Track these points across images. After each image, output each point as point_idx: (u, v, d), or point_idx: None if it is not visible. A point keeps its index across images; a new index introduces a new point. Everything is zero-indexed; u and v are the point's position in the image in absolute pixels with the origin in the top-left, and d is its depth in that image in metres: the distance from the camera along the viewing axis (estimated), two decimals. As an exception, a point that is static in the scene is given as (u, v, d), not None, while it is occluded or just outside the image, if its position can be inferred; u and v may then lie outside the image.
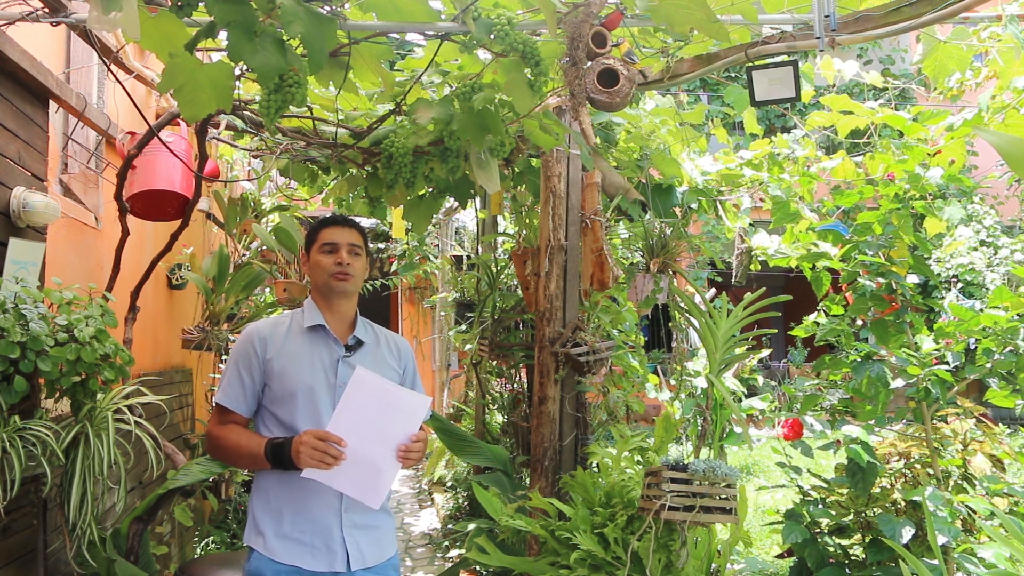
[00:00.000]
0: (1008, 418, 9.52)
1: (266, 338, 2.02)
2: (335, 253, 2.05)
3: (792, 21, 2.36)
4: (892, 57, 13.30)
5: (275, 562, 1.91)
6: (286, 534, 1.93)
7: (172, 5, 1.82)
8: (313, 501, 1.94)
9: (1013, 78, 3.00)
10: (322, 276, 2.05)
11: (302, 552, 1.92)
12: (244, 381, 2.01)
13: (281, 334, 2.03)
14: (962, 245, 10.07)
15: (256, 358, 2.00)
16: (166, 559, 3.78)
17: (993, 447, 3.14)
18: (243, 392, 2.01)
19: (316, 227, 2.12)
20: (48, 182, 2.86)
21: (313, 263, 2.08)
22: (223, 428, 1.99)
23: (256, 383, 2.01)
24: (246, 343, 2.02)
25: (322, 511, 1.94)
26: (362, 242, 2.12)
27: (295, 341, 2.02)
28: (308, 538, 1.93)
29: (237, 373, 2.01)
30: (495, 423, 5.61)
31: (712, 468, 2.45)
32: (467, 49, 2.24)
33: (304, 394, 1.96)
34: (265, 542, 1.93)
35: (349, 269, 2.04)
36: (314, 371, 1.99)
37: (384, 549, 2.03)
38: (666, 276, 3.43)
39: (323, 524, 1.93)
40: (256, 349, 2.01)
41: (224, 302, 3.91)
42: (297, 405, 1.96)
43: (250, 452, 1.93)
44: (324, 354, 2.02)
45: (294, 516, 1.93)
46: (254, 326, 2.07)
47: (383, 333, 2.18)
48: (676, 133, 3.77)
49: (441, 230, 8.05)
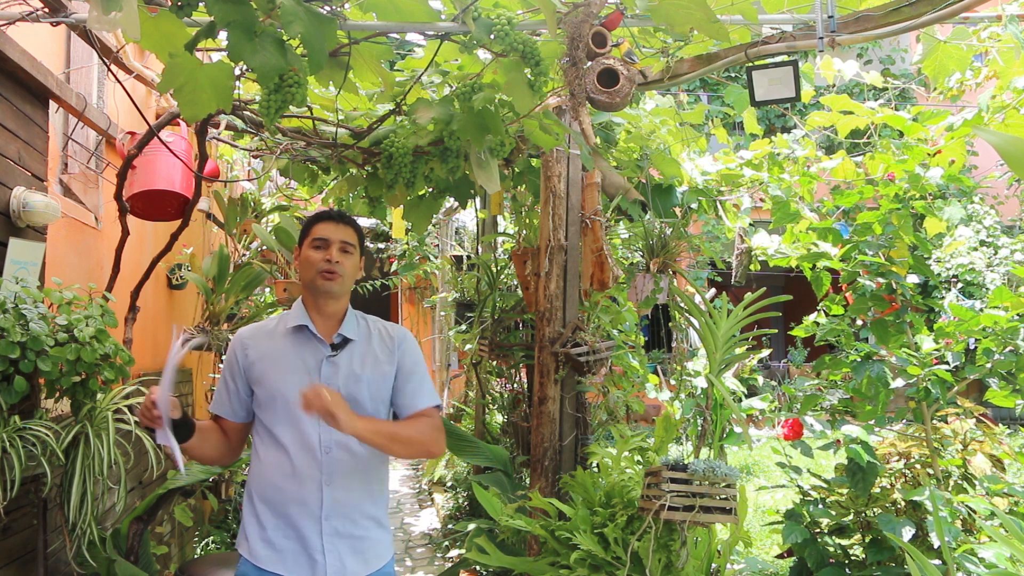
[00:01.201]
0: (1008, 418, 9.51)
1: (247, 343, 1.99)
2: (325, 250, 1.97)
3: (792, 21, 2.36)
4: (892, 57, 13.30)
5: (259, 568, 1.87)
6: (269, 540, 1.88)
7: (172, 5, 1.82)
8: (292, 507, 1.88)
9: (1013, 78, 3.00)
10: (309, 272, 1.97)
11: (284, 559, 1.87)
12: (229, 387, 2.00)
13: (265, 337, 2.00)
14: (962, 245, 10.07)
15: (237, 364, 1.98)
16: (166, 559, 3.78)
17: (993, 447, 3.15)
18: (228, 398, 2.00)
19: (310, 221, 2.04)
20: (48, 182, 2.86)
21: (303, 258, 2.00)
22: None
23: (240, 389, 1.98)
24: (231, 350, 2.02)
25: (301, 517, 1.87)
26: (356, 240, 2.03)
27: (278, 343, 1.98)
28: (290, 544, 1.87)
29: (223, 379, 2.02)
30: (495, 423, 5.61)
31: (712, 468, 2.45)
32: (467, 49, 2.23)
33: (284, 397, 1.91)
34: (250, 548, 1.90)
35: (337, 268, 1.96)
36: (296, 373, 1.93)
37: (369, 561, 1.93)
38: (666, 276, 3.44)
39: (302, 531, 1.87)
40: (237, 355, 1.99)
41: (224, 302, 3.91)
42: (277, 408, 1.92)
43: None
44: (307, 355, 1.96)
45: (276, 522, 1.89)
46: (240, 331, 2.05)
47: (378, 326, 2.08)
48: (676, 133, 3.77)
49: (441, 230, 8.05)
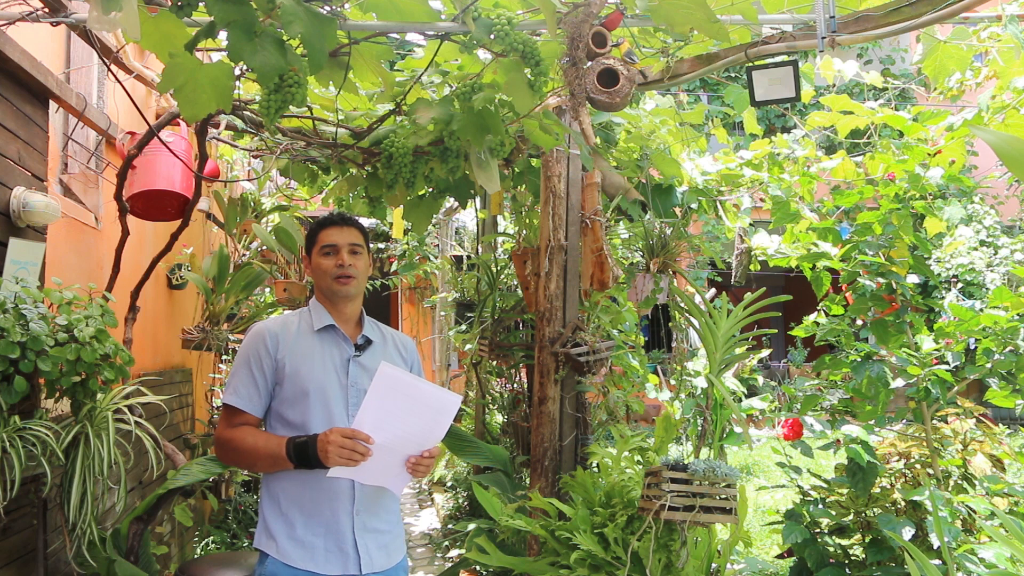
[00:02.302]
0: (1008, 418, 9.52)
1: (277, 336, 1.98)
2: (336, 255, 2.02)
3: (792, 21, 2.36)
4: (892, 57, 13.30)
5: (289, 566, 1.88)
6: (299, 538, 1.90)
7: (172, 5, 1.82)
8: (325, 503, 1.91)
9: (1013, 78, 3.00)
10: (325, 280, 2.02)
11: (315, 555, 1.89)
12: (256, 380, 1.95)
13: (292, 333, 2.00)
14: (962, 245, 10.08)
15: (268, 356, 1.96)
16: (166, 559, 3.78)
17: (993, 447, 3.15)
18: (256, 392, 1.95)
19: (315, 228, 2.08)
20: (48, 182, 2.86)
21: (315, 266, 2.05)
22: (235, 431, 1.93)
23: (268, 382, 1.96)
24: (257, 341, 1.97)
25: (334, 513, 1.91)
26: (363, 240, 2.08)
27: (306, 341, 1.99)
28: (321, 541, 1.90)
29: (249, 372, 1.95)
30: (495, 423, 5.61)
31: (712, 468, 2.45)
32: (467, 49, 2.23)
33: (317, 394, 1.92)
34: (278, 546, 1.90)
35: (351, 271, 2.01)
36: (326, 371, 1.96)
37: (392, 555, 2.00)
38: (666, 276, 3.43)
39: (335, 526, 1.91)
40: (268, 347, 1.96)
41: (224, 302, 3.91)
42: (310, 405, 1.92)
43: (269, 453, 1.87)
44: (335, 354, 1.99)
45: (307, 519, 1.91)
46: (263, 324, 2.03)
47: (389, 332, 2.16)
48: (676, 133, 3.77)
49: (441, 230, 8.04)
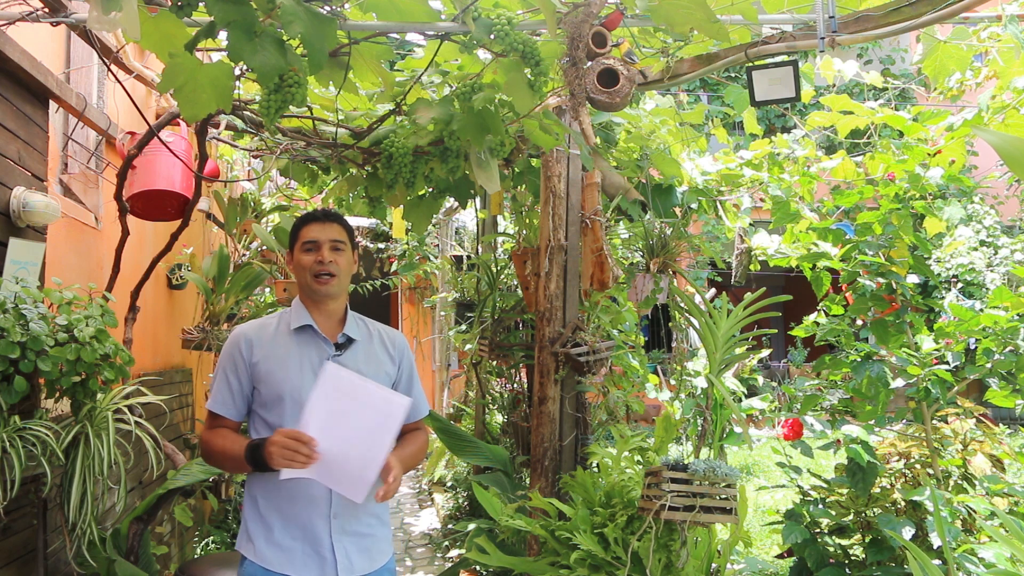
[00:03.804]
0: (1008, 418, 9.52)
1: (252, 340, 1.97)
2: (316, 251, 1.98)
3: (792, 21, 2.36)
4: (892, 57, 13.30)
5: (267, 570, 1.88)
6: (276, 541, 1.90)
7: (172, 5, 1.82)
8: (301, 507, 1.90)
9: (1013, 78, 3.00)
10: (305, 277, 1.99)
11: (292, 559, 1.89)
12: (232, 385, 1.96)
13: (268, 336, 1.99)
14: (962, 245, 10.08)
15: (243, 361, 1.96)
16: (166, 559, 3.78)
17: (993, 447, 3.15)
18: (231, 396, 1.96)
19: (297, 225, 2.05)
20: (48, 182, 2.86)
21: (296, 263, 2.02)
22: (212, 433, 1.95)
23: (244, 386, 1.97)
24: (232, 346, 1.98)
25: (311, 518, 1.90)
26: (345, 236, 2.03)
27: (282, 343, 1.97)
28: (299, 545, 1.89)
29: (225, 377, 1.97)
30: (495, 423, 5.61)
31: (712, 468, 2.45)
32: (467, 49, 2.23)
33: (292, 397, 1.90)
34: (256, 549, 1.90)
35: (332, 268, 1.98)
36: (302, 373, 1.93)
37: (375, 558, 1.98)
38: (666, 276, 3.43)
39: (312, 531, 1.89)
40: (242, 352, 1.96)
41: (224, 302, 3.91)
42: (285, 409, 1.91)
43: (233, 456, 1.87)
44: (313, 355, 1.96)
45: (284, 523, 1.90)
46: (240, 328, 2.02)
47: (377, 328, 2.12)
48: (676, 133, 3.77)
49: (441, 230, 8.05)
